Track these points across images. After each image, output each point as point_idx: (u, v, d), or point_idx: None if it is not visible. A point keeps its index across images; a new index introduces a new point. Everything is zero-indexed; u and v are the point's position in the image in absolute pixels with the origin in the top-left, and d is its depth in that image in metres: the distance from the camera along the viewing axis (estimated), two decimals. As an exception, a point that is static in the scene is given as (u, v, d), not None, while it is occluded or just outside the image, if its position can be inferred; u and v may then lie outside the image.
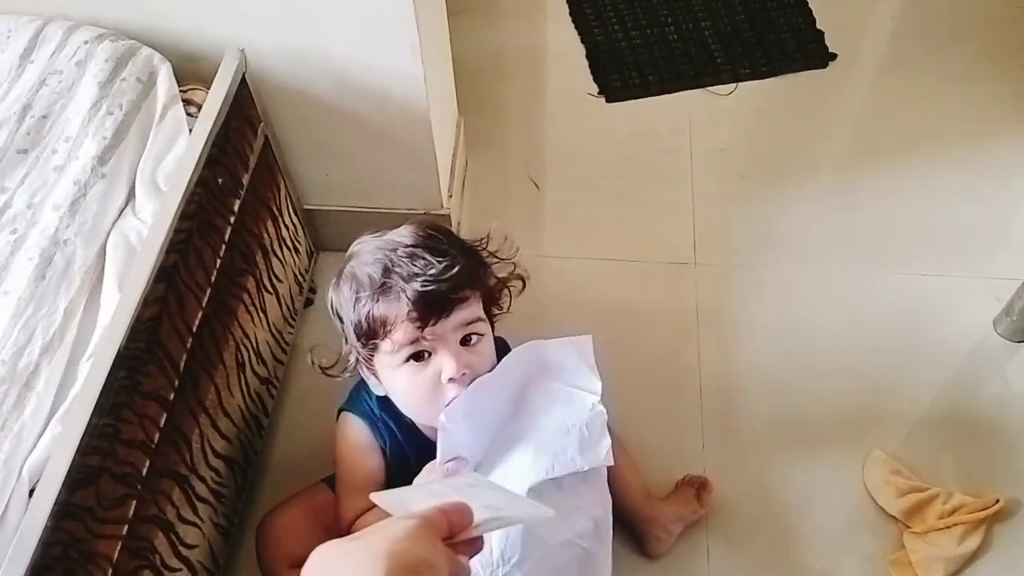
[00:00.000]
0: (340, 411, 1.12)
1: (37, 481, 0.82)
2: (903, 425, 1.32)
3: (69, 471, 0.81)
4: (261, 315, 1.27)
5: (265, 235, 1.27)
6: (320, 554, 0.53)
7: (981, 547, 1.20)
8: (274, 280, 1.31)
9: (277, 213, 1.33)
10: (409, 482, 1.00)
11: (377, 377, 1.03)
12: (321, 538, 1.05)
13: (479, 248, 1.07)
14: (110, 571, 0.88)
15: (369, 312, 0.96)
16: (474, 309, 0.98)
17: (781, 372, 1.39)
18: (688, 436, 1.32)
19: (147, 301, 0.94)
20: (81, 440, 0.83)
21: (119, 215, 1.03)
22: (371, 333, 0.97)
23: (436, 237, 1.00)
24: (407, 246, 0.97)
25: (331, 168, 1.41)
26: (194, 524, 1.08)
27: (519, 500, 0.65)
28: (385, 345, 0.97)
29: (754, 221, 1.57)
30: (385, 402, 1.06)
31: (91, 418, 0.85)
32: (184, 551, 1.06)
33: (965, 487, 1.24)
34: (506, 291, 1.09)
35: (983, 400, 1.35)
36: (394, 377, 0.99)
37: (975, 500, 1.22)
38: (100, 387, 0.87)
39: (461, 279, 0.96)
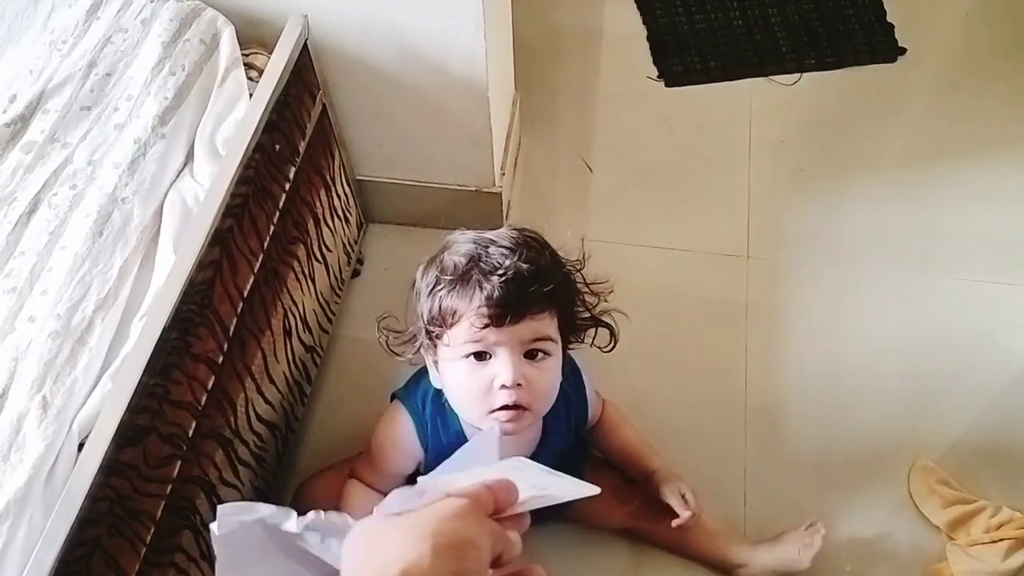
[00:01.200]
0: (394, 396, 1.10)
1: (86, 436, 0.83)
2: (952, 435, 1.29)
3: (118, 429, 0.82)
4: (310, 283, 1.27)
5: (318, 203, 1.27)
6: (363, 530, 0.53)
7: (1027, 565, 1.17)
8: (324, 249, 1.31)
9: (330, 182, 1.32)
10: None
11: (437, 368, 1.00)
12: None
13: (573, 269, 1.02)
14: (152, 529, 0.89)
15: (442, 299, 0.93)
16: (546, 324, 0.93)
17: (829, 374, 1.36)
18: (731, 434, 1.30)
19: (201, 264, 0.95)
20: (131, 399, 0.84)
21: (177, 176, 1.04)
22: (440, 321, 0.94)
23: (532, 245, 0.96)
24: (501, 245, 0.94)
25: (385, 139, 1.40)
26: (235, 487, 1.09)
27: (564, 479, 0.64)
28: (449, 335, 0.94)
29: (811, 216, 1.54)
30: (438, 402, 1.03)
31: (142, 377, 0.86)
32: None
33: (1013, 502, 1.21)
34: (592, 330, 1.04)
35: (1036, 413, 1.31)
36: (451, 370, 0.96)
37: (1023, 515, 1.18)
38: (152, 347, 0.87)
39: (542, 288, 0.91)
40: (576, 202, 1.58)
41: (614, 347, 1.06)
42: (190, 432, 0.95)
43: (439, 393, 1.02)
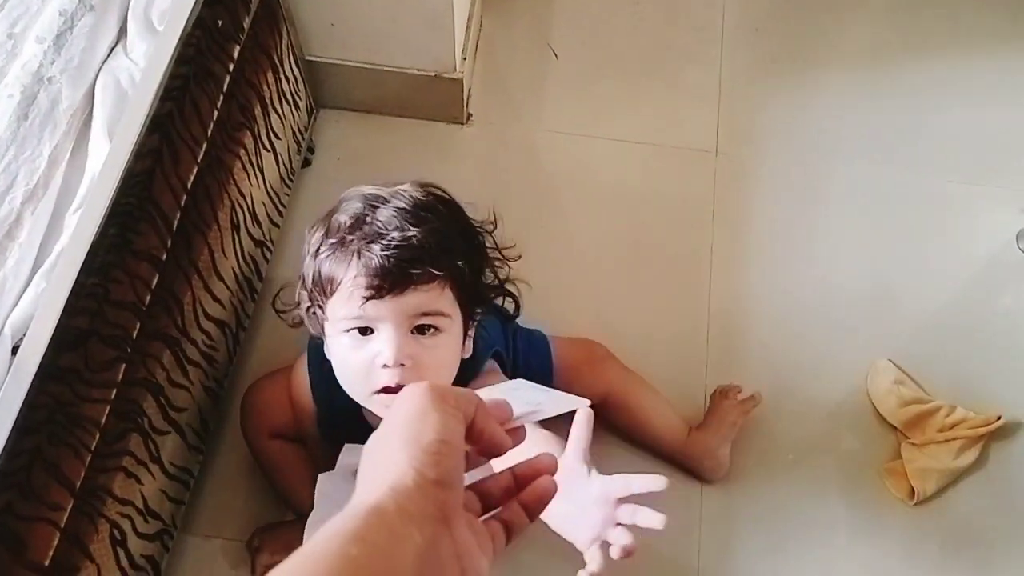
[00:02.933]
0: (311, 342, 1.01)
1: (20, 339, 0.77)
2: (913, 334, 1.29)
3: (55, 332, 0.76)
4: (258, 174, 1.19)
5: (265, 86, 1.18)
6: (362, 455, 0.48)
7: (976, 462, 1.19)
8: (272, 137, 1.23)
9: (278, 63, 1.23)
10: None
11: (322, 333, 0.91)
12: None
13: (483, 233, 0.92)
14: (97, 435, 0.84)
15: (320, 265, 0.85)
16: (436, 296, 0.84)
17: (794, 271, 1.34)
18: (694, 332, 1.29)
19: (139, 152, 0.87)
20: (68, 300, 0.78)
21: (109, 54, 0.94)
22: (319, 288, 0.86)
23: (431, 206, 0.86)
24: (393, 206, 0.84)
25: (338, 17, 1.29)
26: (184, 387, 1.05)
27: (560, 395, 0.62)
28: (329, 307, 0.85)
29: (783, 111, 1.49)
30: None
31: (79, 276, 0.79)
32: (173, 414, 1.03)
33: (968, 401, 1.22)
34: (502, 298, 0.96)
35: (996, 315, 1.32)
36: (335, 343, 0.87)
37: (977, 416, 1.20)
38: (89, 243, 0.81)
39: (429, 254, 0.82)
40: (539, 90, 1.51)
41: (517, 316, 1.00)
42: (134, 334, 0.89)
43: None
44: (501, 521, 0.46)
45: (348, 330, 0.84)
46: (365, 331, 0.84)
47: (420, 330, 0.84)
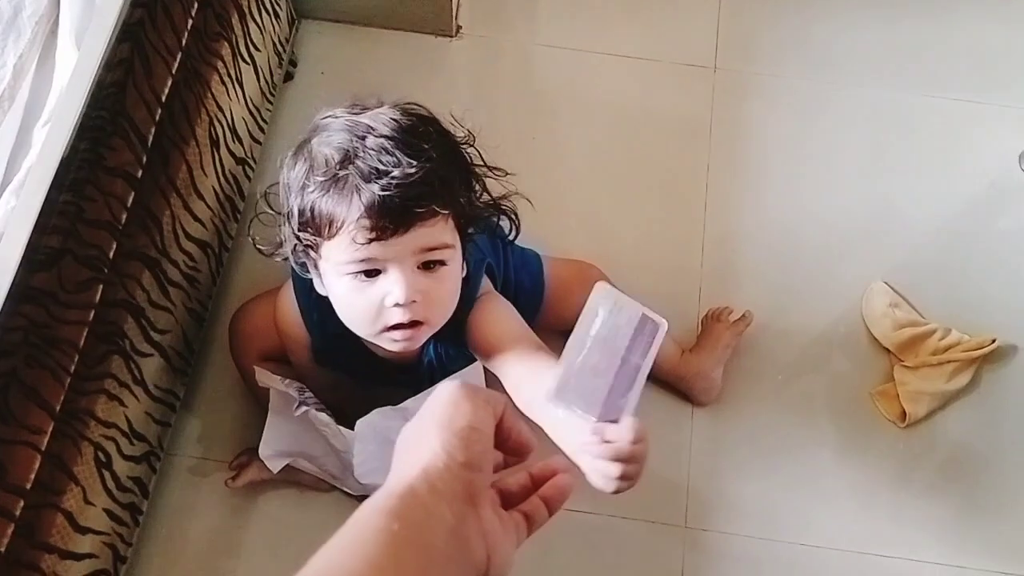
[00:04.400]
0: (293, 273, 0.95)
1: (-10, 260, 0.74)
2: (910, 257, 1.27)
3: (26, 251, 0.73)
4: (237, 87, 1.14)
5: (243, -6, 1.12)
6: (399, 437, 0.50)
7: (968, 386, 1.19)
8: (251, 48, 1.17)
9: (256, -31, 1.17)
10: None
11: (319, 274, 0.87)
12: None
13: (468, 146, 0.87)
14: (76, 357, 0.82)
15: (314, 203, 0.79)
16: (440, 230, 0.81)
17: (791, 191, 1.31)
18: (688, 253, 1.27)
19: (109, 63, 0.83)
20: (39, 217, 0.75)
21: (73, -44, 0.88)
22: (314, 228, 0.81)
23: (419, 131, 0.81)
24: (381, 135, 0.79)
25: (319, -81, 1.23)
26: (166, 309, 1.02)
27: None
28: (327, 248, 0.81)
29: (784, 26, 1.43)
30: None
31: (50, 193, 0.76)
32: (155, 336, 1.00)
33: (963, 324, 1.21)
34: (499, 216, 0.91)
35: (994, 236, 1.30)
36: (335, 285, 0.83)
37: (971, 339, 1.19)
38: (59, 159, 0.77)
39: (432, 190, 0.78)
40: (532, 2, 1.44)
41: (516, 236, 0.95)
42: (111, 253, 0.86)
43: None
44: (522, 513, 0.48)
45: (352, 273, 0.81)
46: (370, 273, 0.81)
47: (426, 266, 0.82)
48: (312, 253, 0.84)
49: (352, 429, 0.98)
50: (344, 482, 1.09)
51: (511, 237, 0.97)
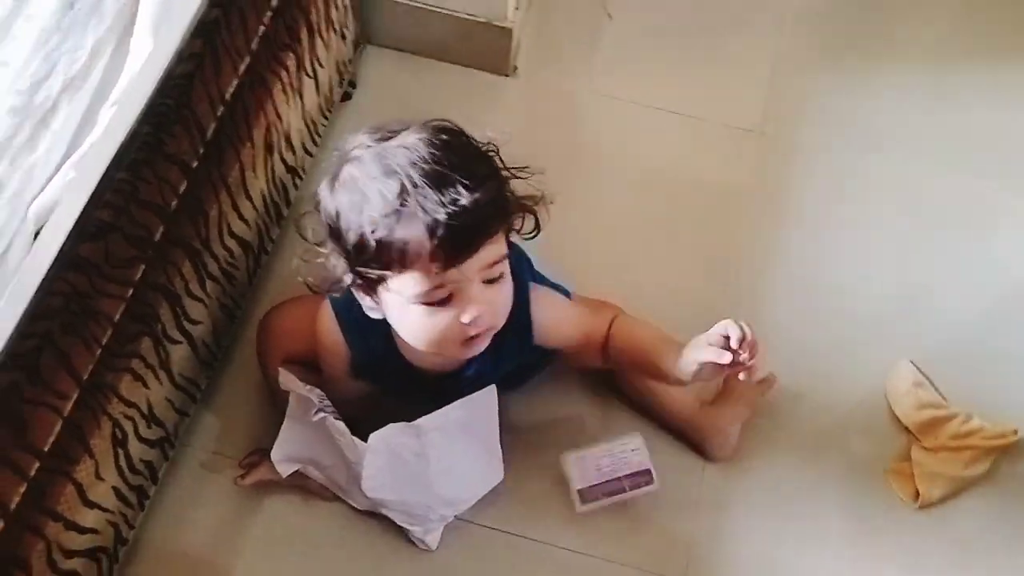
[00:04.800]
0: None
1: (43, 226, 0.78)
2: (939, 339, 1.27)
3: (78, 220, 0.77)
4: (297, 98, 1.18)
5: (313, 10, 1.17)
6: None
7: (985, 475, 1.17)
8: (316, 64, 1.22)
9: (330, -11, 1.22)
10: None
11: (375, 300, 0.90)
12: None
13: (492, 155, 0.89)
14: (110, 331, 0.84)
15: (381, 240, 0.80)
16: (501, 245, 0.85)
17: (826, 260, 1.32)
18: (717, 311, 1.24)
19: (182, 55, 0.86)
20: (95, 191, 0.78)
21: (161, -47, 0.93)
22: (382, 264, 0.82)
23: (457, 150, 0.83)
24: (427, 162, 0.80)
25: (394, -49, 1.28)
26: (201, 300, 1.05)
27: None
28: (396, 282, 0.83)
29: (834, 98, 1.45)
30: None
31: (108, 169, 0.79)
32: (187, 325, 1.03)
33: (986, 412, 1.20)
34: (526, 216, 0.93)
35: (1025, 330, 1.29)
36: (405, 313, 0.87)
37: (993, 426, 1.18)
38: (122, 138, 0.81)
39: (496, 209, 0.82)
40: (589, 50, 1.48)
41: (537, 234, 0.95)
42: (156, 236, 0.89)
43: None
44: None
45: (425, 303, 0.84)
46: (444, 300, 0.84)
47: (490, 278, 0.86)
48: (376, 287, 0.86)
49: (366, 441, 0.99)
50: (350, 495, 1.09)
51: (532, 235, 0.95)
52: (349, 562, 1.10)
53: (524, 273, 0.98)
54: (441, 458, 1.03)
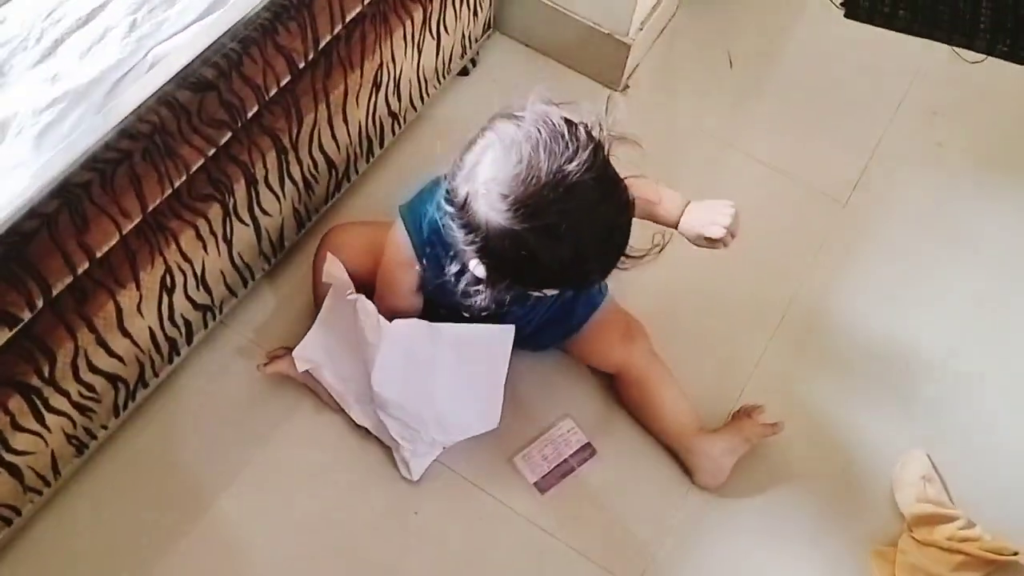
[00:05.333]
0: (400, 209, 1.08)
1: (156, 64, 0.89)
2: (965, 438, 1.24)
3: (186, 67, 0.87)
4: (415, 52, 1.28)
5: (451, -23, 1.27)
6: None
7: (973, 588, 1.13)
8: (441, 27, 1.32)
9: (474, -34, 1.32)
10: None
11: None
12: (369, 268, 1.12)
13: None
14: (184, 178, 0.94)
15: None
16: None
17: (872, 338, 1.32)
18: (747, 353, 1.29)
19: (314, -38, 0.97)
20: (207, 48, 0.89)
21: None
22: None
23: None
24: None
25: (542, -51, 1.38)
26: (276, 195, 1.15)
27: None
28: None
29: (926, 190, 1.46)
30: (439, 233, 0.97)
31: (224, 35, 0.90)
32: (258, 212, 1.13)
33: (993, 527, 1.16)
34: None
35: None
36: None
37: (993, 541, 1.14)
38: (244, 14, 0.91)
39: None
40: (702, 87, 1.54)
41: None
42: (249, 114, 0.99)
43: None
44: None
45: None
46: None
47: None
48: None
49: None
50: (352, 409, 1.16)
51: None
52: (333, 472, 1.17)
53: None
54: (448, 374, 1.10)
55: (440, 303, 1.10)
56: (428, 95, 1.40)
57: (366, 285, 1.13)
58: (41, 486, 1.05)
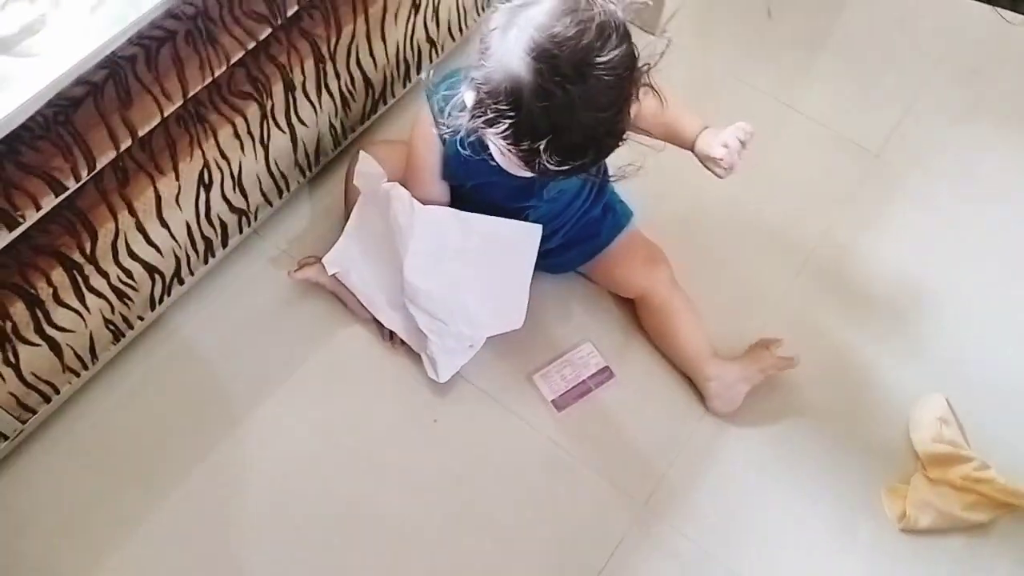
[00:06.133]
0: (426, 91, 1.07)
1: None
2: (987, 387, 1.23)
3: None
4: (457, -20, 1.31)
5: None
6: None
7: (983, 526, 1.13)
8: (483, -42, 1.35)
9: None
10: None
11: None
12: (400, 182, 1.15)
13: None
14: (224, 66, 0.97)
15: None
16: None
17: (895, 286, 1.31)
18: (770, 291, 1.30)
19: None
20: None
21: None
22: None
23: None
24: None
25: None
26: (313, 106, 1.18)
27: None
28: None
29: (958, 146, 1.45)
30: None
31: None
32: (295, 120, 1.17)
33: (1005, 471, 1.16)
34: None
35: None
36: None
37: (1008, 484, 1.14)
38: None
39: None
40: (739, 37, 1.55)
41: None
42: (288, 12, 1.02)
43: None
44: None
45: None
46: None
47: None
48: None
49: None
50: (381, 310, 1.19)
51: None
52: (357, 379, 1.20)
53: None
54: (476, 267, 1.12)
55: (463, 194, 1.13)
56: (467, 27, 1.43)
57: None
58: (79, 367, 1.10)
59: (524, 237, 1.12)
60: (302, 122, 1.18)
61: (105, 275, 1.03)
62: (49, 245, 0.94)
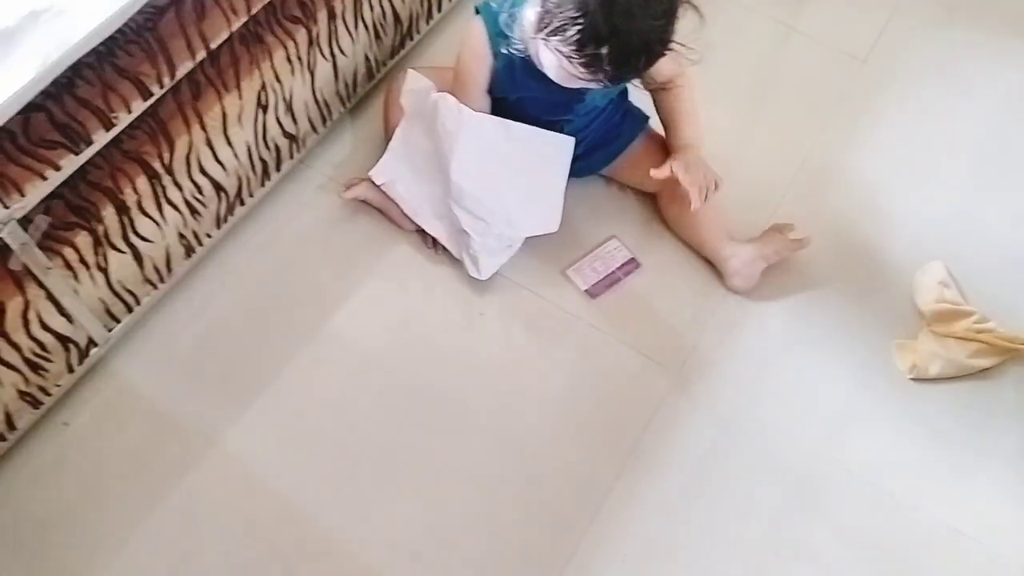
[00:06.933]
0: (477, 6, 1.20)
1: None
2: (981, 257, 1.35)
3: None
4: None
5: None
6: None
7: (987, 372, 1.24)
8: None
9: None
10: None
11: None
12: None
13: None
14: (247, 10, 1.07)
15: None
16: None
17: (893, 172, 1.43)
18: (776, 181, 1.41)
19: None
20: None
21: None
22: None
23: None
24: None
25: None
26: (351, 37, 1.29)
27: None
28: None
29: (941, 48, 1.57)
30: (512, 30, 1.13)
31: None
32: (335, 48, 1.28)
33: (1005, 324, 1.27)
34: None
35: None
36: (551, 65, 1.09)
37: (1008, 331, 1.25)
38: None
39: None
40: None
41: None
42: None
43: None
44: None
45: None
46: None
47: None
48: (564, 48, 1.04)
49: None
50: (425, 219, 1.30)
51: None
52: (407, 283, 1.31)
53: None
54: (517, 170, 1.23)
55: (504, 108, 1.24)
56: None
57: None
58: (156, 279, 1.20)
59: (560, 147, 1.24)
60: (343, 52, 1.29)
61: (180, 188, 1.13)
62: (135, 151, 1.05)
